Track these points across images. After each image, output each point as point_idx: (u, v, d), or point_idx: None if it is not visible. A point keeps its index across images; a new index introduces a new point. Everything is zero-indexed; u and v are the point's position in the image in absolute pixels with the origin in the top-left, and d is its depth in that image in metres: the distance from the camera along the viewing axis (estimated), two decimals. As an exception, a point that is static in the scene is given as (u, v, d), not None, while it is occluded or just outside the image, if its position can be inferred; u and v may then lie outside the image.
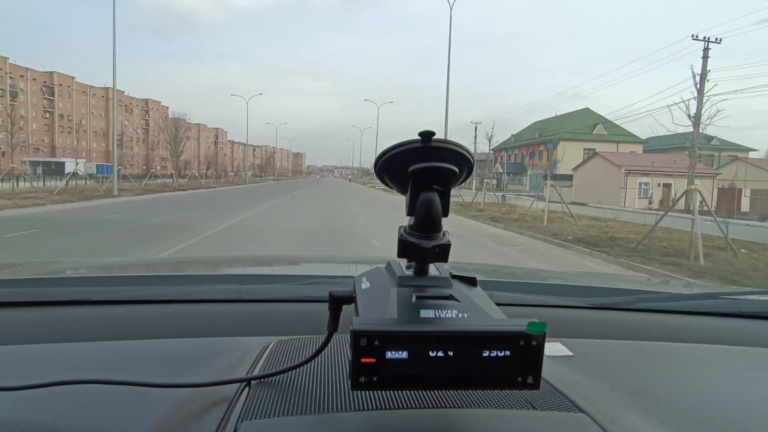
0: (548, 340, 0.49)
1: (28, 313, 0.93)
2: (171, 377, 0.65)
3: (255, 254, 6.03)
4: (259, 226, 12.52)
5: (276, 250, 8.39)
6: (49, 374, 0.60)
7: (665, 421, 0.59)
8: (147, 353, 0.78)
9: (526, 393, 0.58)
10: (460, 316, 0.48)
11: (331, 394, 0.57)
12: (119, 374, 0.62)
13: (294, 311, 0.98)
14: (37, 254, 7.52)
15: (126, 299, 1.01)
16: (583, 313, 1.07)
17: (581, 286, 1.40)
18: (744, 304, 1.12)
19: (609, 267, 8.69)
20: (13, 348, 0.78)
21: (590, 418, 0.54)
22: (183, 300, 1.01)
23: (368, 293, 0.54)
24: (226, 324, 0.92)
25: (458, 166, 0.52)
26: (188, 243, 9.04)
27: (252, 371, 0.65)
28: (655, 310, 1.10)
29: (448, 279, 0.53)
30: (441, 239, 0.52)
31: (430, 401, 0.55)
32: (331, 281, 1.19)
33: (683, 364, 0.83)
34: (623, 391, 0.67)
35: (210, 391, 0.61)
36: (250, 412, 0.54)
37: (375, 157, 0.54)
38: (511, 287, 1.24)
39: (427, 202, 0.51)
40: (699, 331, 1.01)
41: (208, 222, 12.74)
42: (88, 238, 9.88)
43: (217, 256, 5.00)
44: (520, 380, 0.47)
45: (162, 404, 0.59)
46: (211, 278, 1.42)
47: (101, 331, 0.87)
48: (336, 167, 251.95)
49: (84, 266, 1.69)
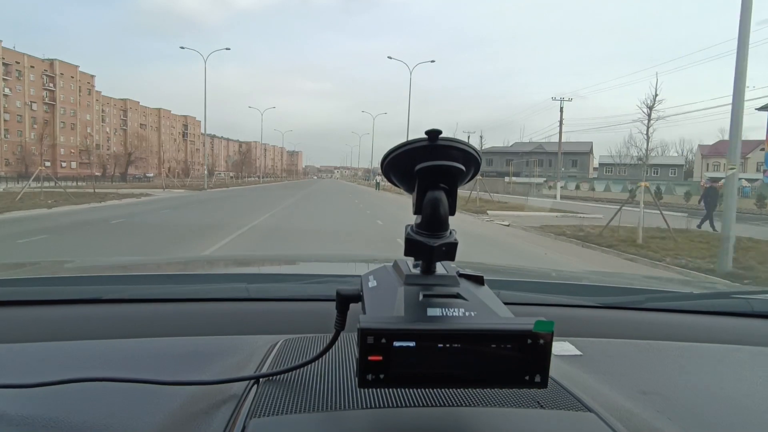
0: (556, 340, 0.49)
1: (40, 311, 0.94)
2: (180, 375, 0.65)
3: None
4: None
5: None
6: (61, 372, 0.61)
7: (675, 421, 0.59)
8: (156, 351, 0.78)
9: (533, 392, 0.57)
10: (467, 314, 0.48)
11: (338, 391, 0.57)
12: (129, 372, 0.63)
13: (301, 310, 0.98)
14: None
15: (136, 298, 1.01)
16: (591, 313, 1.06)
17: (590, 285, 1.39)
18: (757, 304, 1.11)
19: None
20: (26, 346, 0.79)
21: (599, 418, 0.54)
22: (192, 299, 1.01)
23: (375, 292, 0.54)
24: (234, 322, 0.93)
25: (465, 165, 0.52)
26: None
27: (260, 369, 0.65)
28: (665, 310, 1.10)
29: (455, 278, 0.53)
30: (448, 238, 0.52)
31: (437, 399, 0.55)
32: (338, 280, 1.19)
33: (694, 364, 0.82)
34: (632, 391, 0.66)
35: (219, 389, 0.61)
36: (259, 409, 0.54)
37: (381, 156, 0.55)
38: (519, 286, 1.23)
39: (434, 201, 0.51)
40: (711, 330, 1.00)
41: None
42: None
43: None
44: (527, 379, 0.47)
45: (171, 402, 0.60)
46: (219, 277, 1.43)
47: (111, 329, 0.88)
48: (336, 167, 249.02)
49: (95, 265, 1.71)
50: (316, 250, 8.59)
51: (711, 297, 1.26)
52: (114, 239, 10.29)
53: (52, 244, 9.16)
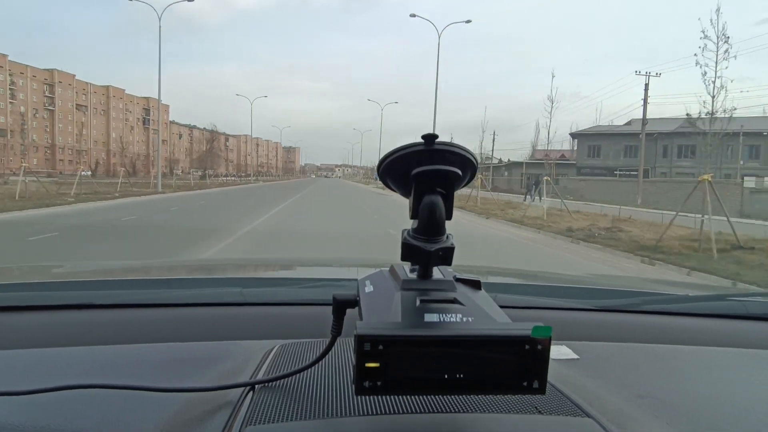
0: (554, 343, 0.49)
1: (32, 317, 0.93)
2: (175, 381, 0.65)
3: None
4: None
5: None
6: (54, 379, 0.60)
7: (673, 425, 0.58)
8: (151, 357, 0.77)
9: (531, 397, 0.57)
10: (464, 320, 0.47)
11: (335, 398, 0.57)
12: (123, 378, 0.62)
13: (297, 314, 0.98)
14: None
15: (129, 303, 1.01)
16: (588, 316, 1.06)
17: (587, 288, 1.39)
18: (752, 306, 1.11)
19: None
20: (18, 352, 0.78)
21: (597, 423, 0.54)
22: (186, 303, 1.00)
23: (372, 297, 0.53)
24: (229, 327, 0.92)
25: (462, 169, 0.52)
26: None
27: (256, 375, 0.65)
28: (662, 312, 1.10)
29: (452, 282, 0.52)
30: (445, 242, 0.52)
31: (435, 406, 0.55)
32: (334, 284, 1.18)
33: (691, 366, 0.82)
34: (630, 395, 0.66)
35: (214, 396, 0.60)
36: (254, 416, 0.53)
37: (378, 160, 0.54)
38: (516, 289, 1.23)
39: (430, 206, 0.51)
40: (707, 333, 1.00)
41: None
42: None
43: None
44: (525, 385, 0.46)
45: (166, 408, 0.59)
46: (214, 281, 1.42)
47: (105, 335, 0.87)
48: (337, 165, 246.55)
49: (88, 270, 1.69)
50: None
51: (707, 299, 1.27)
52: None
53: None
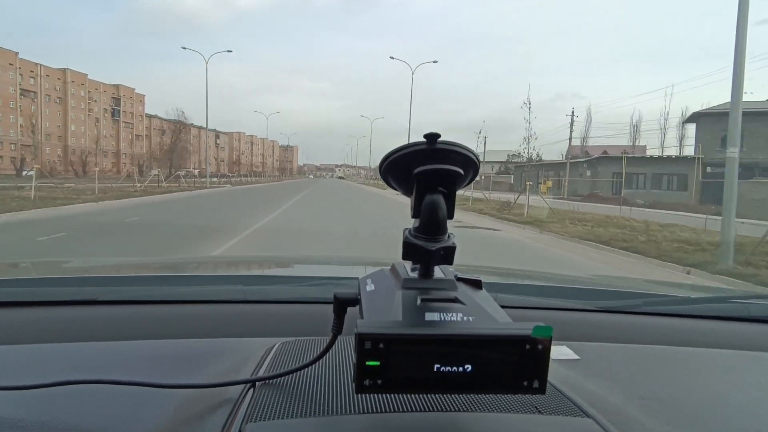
0: (554, 344, 0.49)
1: (34, 312, 0.94)
2: (175, 378, 0.65)
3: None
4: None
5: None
6: (55, 374, 0.60)
7: (673, 426, 0.58)
8: (151, 354, 0.78)
9: (531, 397, 0.57)
10: (465, 319, 0.47)
11: (335, 396, 0.57)
12: (124, 374, 0.62)
13: (298, 312, 0.98)
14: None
15: (131, 299, 1.01)
16: (589, 316, 1.06)
17: (588, 288, 1.39)
18: (754, 308, 1.11)
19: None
20: (20, 347, 0.78)
21: (597, 423, 0.54)
22: (188, 300, 1.01)
23: (373, 295, 0.54)
24: (230, 325, 0.92)
25: (464, 169, 0.52)
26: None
27: (256, 372, 0.65)
28: (663, 314, 1.09)
29: (453, 281, 0.52)
30: (446, 242, 0.52)
31: (435, 405, 0.55)
32: (335, 282, 1.18)
33: (692, 368, 0.82)
34: (630, 396, 0.66)
35: (214, 393, 0.61)
36: (255, 413, 0.53)
37: (380, 159, 0.55)
38: (517, 289, 1.23)
39: (432, 205, 0.51)
40: (708, 335, 1.00)
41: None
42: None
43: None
44: (525, 384, 0.47)
45: (166, 405, 0.59)
46: (215, 279, 1.43)
47: (106, 332, 0.87)
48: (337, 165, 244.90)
49: (90, 266, 1.70)
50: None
51: (708, 301, 1.26)
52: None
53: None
